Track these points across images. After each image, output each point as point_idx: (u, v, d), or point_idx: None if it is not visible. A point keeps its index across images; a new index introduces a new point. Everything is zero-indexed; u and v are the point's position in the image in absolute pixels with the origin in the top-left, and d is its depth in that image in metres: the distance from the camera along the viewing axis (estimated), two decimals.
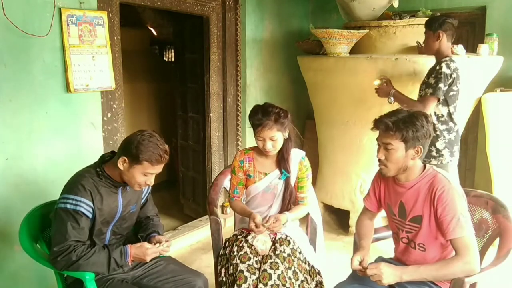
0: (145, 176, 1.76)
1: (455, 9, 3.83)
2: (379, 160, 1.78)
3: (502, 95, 3.40)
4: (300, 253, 2.04)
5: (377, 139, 1.80)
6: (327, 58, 3.38)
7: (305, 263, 2.03)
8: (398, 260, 1.88)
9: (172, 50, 6.91)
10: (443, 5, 3.85)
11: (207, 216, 2.42)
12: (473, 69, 3.09)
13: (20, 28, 2.19)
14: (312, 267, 2.04)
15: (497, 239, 1.87)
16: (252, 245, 2.01)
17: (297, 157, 2.16)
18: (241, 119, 3.86)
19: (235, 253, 2.00)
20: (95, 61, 2.58)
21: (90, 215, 1.73)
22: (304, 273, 1.98)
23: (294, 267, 1.95)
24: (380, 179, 1.93)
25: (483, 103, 3.34)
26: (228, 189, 2.59)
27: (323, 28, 3.31)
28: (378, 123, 1.76)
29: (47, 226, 1.95)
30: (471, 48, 3.31)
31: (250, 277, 1.88)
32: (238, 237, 2.11)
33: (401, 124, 1.70)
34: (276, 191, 2.14)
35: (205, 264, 3.07)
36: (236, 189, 2.21)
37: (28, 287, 2.44)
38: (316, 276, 2.03)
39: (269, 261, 1.92)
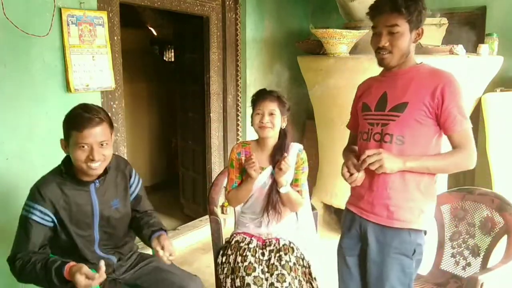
0: (82, 148, 1.57)
1: (455, 9, 3.83)
2: (382, 47, 1.62)
3: (502, 95, 3.39)
4: (303, 259, 2.02)
5: (374, 26, 1.65)
6: (327, 58, 3.38)
7: (308, 267, 2.01)
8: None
9: (172, 50, 6.91)
10: (443, 5, 3.84)
11: (207, 216, 2.42)
12: (473, 69, 3.09)
13: (20, 28, 2.19)
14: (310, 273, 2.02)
15: (504, 237, 1.88)
16: (256, 253, 2.00)
17: (294, 150, 2.10)
18: (241, 119, 3.86)
19: (240, 264, 1.97)
20: (95, 61, 2.58)
21: (47, 223, 1.62)
22: (307, 281, 1.97)
23: (299, 275, 1.94)
24: (362, 87, 1.85)
25: (483, 103, 3.34)
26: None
27: (323, 28, 3.30)
28: (382, 4, 1.61)
29: None
30: (471, 48, 3.30)
31: None
32: (241, 244, 2.06)
33: (409, 1, 1.58)
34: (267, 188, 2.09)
35: (205, 264, 3.07)
36: (235, 184, 2.13)
37: (28, 287, 2.44)
38: (314, 281, 2.02)
39: (275, 273, 1.91)
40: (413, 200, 1.62)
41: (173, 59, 6.70)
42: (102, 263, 1.51)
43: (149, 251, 1.98)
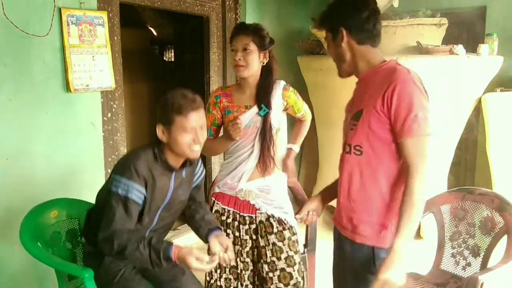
0: (188, 133, 1.60)
1: (455, 9, 3.83)
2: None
3: (502, 95, 3.40)
4: (288, 226, 1.99)
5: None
6: (327, 58, 3.37)
7: (290, 229, 2.01)
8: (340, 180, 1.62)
9: (172, 50, 6.91)
10: (443, 5, 3.85)
11: None
12: (473, 69, 3.09)
13: (20, 28, 2.19)
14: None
15: (504, 237, 1.88)
16: (235, 229, 2.02)
17: (279, 88, 1.97)
18: None
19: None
20: (95, 61, 2.58)
21: (140, 202, 1.63)
22: (290, 246, 2.00)
23: (285, 251, 1.99)
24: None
25: (483, 103, 3.35)
26: None
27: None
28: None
29: (48, 225, 1.95)
30: (471, 48, 3.31)
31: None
32: (222, 218, 2.05)
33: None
34: (257, 129, 1.93)
35: None
36: (210, 130, 1.99)
37: (28, 287, 2.44)
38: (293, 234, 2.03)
39: (262, 261, 1.99)
40: (375, 215, 1.50)
41: (173, 59, 6.70)
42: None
43: None
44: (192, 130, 1.60)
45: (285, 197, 2.10)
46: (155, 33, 5.95)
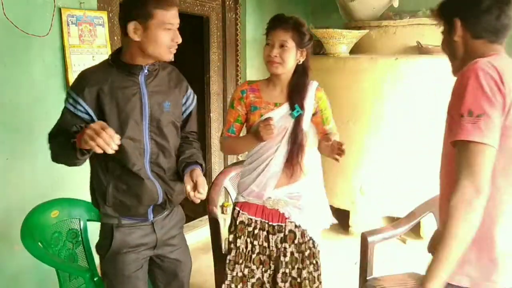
0: (167, 30, 1.43)
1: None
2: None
3: None
4: (312, 243, 1.88)
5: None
6: (327, 58, 3.38)
7: (312, 244, 1.90)
8: None
9: None
10: None
11: (207, 216, 2.42)
12: None
13: (20, 28, 2.19)
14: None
15: None
16: (260, 238, 1.86)
17: (312, 89, 1.81)
18: None
19: (250, 253, 1.87)
20: (95, 61, 2.58)
21: (81, 114, 1.46)
22: (311, 261, 1.88)
23: (307, 264, 1.87)
24: None
25: None
26: (227, 189, 2.57)
27: (323, 28, 3.31)
28: None
29: (48, 225, 1.95)
30: None
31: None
32: (248, 228, 1.88)
33: None
34: (285, 130, 1.77)
35: (206, 264, 3.07)
36: (233, 127, 1.84)
37: (29, 287, 2.44)
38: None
39: (280, 271, 1.85)
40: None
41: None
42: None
43: None
44: (172, 28, 1.44)
45: (317, 202, 1.98)
46: None
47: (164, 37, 1.43)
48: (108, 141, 1.27)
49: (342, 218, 3.77)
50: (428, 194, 2.30)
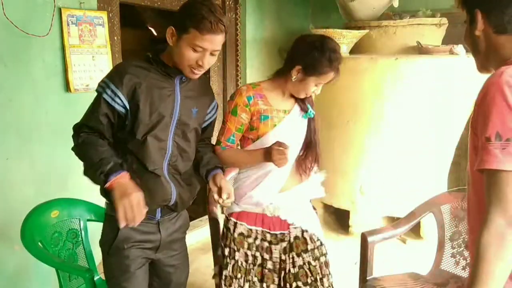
0: (195, 51, 1.40)
1: (455, 9, 3.83)
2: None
3: None
4: (320, 243, 1.79)
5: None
6: None
7: (324, 248, 1.81)
8: None
9: None
10: (443, 5, 3.84)
11: (207, 216, 2.42)
12: (473, 69, 3.09)
13: (20, 28, 2.19)
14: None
15: None
16: (262, 249, 1.73)
17: None
18: None
19: (250, 266, 1.74)
20: (95, 61, 2.58)
21: (117, 106, 1.43)
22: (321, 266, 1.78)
23: (318, 271, 1.76)
24: None
25: None
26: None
27: (323, 28, 3.31)
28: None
29: (48, 225, 1.95)
30: None
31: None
32: (248, 239, 1.75)
33: None
34: (298, 133, 1.70)
35: (205, 264, 3.07)
36: (232, 136, 1.70)
37: (29, 287, 2.44)
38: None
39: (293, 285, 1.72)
40: None
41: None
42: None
43: None
44: (201, 51, 1.41)
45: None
46: (155, 33, 5.95)
47: (190, 56, 1.41)
48: (137, 217, 1.32)
49: (342, 218, 3.77)
50: (428, 194, 2.30)
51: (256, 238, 1.76)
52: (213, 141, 1.82)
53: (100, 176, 1.37)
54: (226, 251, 1.78)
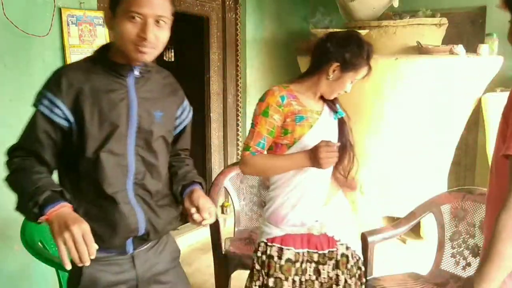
0: (133, 20, 1.13)
1: (455, 9, 3.83)
2: None
3: (502, 95, 3.39)
4: (358, 259, 1.71)
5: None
6: None
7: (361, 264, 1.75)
8: None
9: (172, 50, 6.89)
10: (443, 5, 3.84)
11: None
12: (473, 69, 3.09)
13: (20, 28, 2.19)
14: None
15: None
16: (306, 272, 1.59)
17: None
18: (241, 119, 3.86)
19: None
20: None
21: (58, 119, 1.18)
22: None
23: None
24: None
25: (483, 103, 3.34)
26: (227, 189, 2.56)
27: (323, 28, 3.30)
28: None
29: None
30: (471, 48, 3.30)
31: None
32: (282, 263, 1.58)
33: None
34: (335, 138, 1.62)
35: (205, 264, 3.07)
36: (263, 141, 1.53)
37: (28, 287, 2.44)
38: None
39: None
40: None
41: (173, 59, 6.69)
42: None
43: None
44: (142, 18, 1.13)
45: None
46: None
47: (128, 29, 1.13)
48: (84, 255, 1.02)
49: None
50: (428, 194, 2.30)
51: (303, 262, 1.61)
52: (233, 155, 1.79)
53: (34, 209, 1.11)
54: (271, 281, 1.58)
